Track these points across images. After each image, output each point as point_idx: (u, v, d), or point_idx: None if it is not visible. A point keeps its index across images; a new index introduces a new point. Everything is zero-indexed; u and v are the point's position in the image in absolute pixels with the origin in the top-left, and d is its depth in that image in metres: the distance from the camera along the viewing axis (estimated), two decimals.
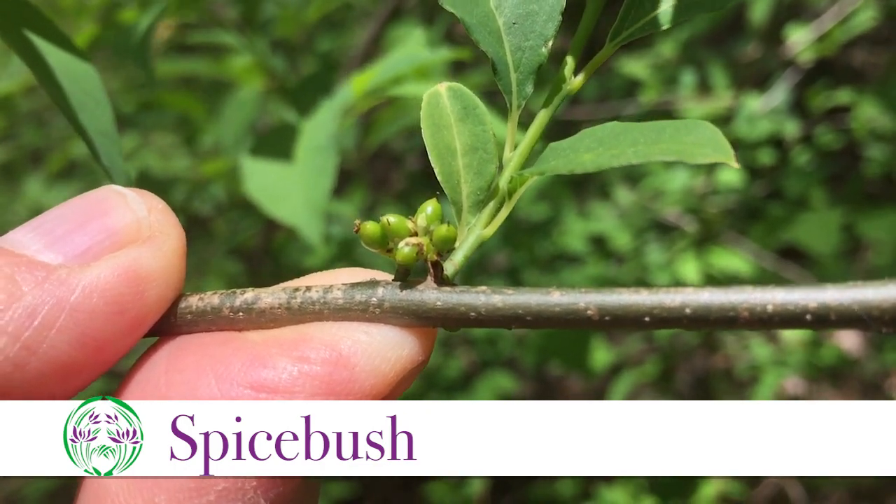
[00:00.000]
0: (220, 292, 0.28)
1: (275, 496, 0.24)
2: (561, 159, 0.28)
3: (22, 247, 0.25)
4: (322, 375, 0.25)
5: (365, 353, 0.25)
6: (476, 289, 0.27)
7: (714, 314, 0.25)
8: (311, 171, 0.64)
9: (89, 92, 0.40)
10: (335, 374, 0.25)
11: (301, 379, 0.24)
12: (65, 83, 0.39)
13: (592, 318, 0.25)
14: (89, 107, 0.40)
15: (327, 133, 0.67)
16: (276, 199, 0.65)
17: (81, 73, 0.41)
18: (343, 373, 0.25)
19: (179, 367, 0.25)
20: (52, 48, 0.40)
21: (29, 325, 0.23)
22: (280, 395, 0.24)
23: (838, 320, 0.24)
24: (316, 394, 0.24)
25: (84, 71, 0.41)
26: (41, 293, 0.24)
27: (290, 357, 0.25)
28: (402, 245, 0.27)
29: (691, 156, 0.25)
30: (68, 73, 0.40)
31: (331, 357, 0.25)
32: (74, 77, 0.40)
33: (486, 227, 0.29)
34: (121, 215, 0.26)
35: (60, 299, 0.24)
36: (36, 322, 0.24)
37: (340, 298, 0.27)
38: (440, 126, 0.29)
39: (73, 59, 0.41)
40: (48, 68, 0.38)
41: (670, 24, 0.30)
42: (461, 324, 0.27)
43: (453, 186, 0.29)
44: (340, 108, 0.70)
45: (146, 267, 0.26)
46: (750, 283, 0.25)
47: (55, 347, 0.24)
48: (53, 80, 0.38)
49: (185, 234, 0.28)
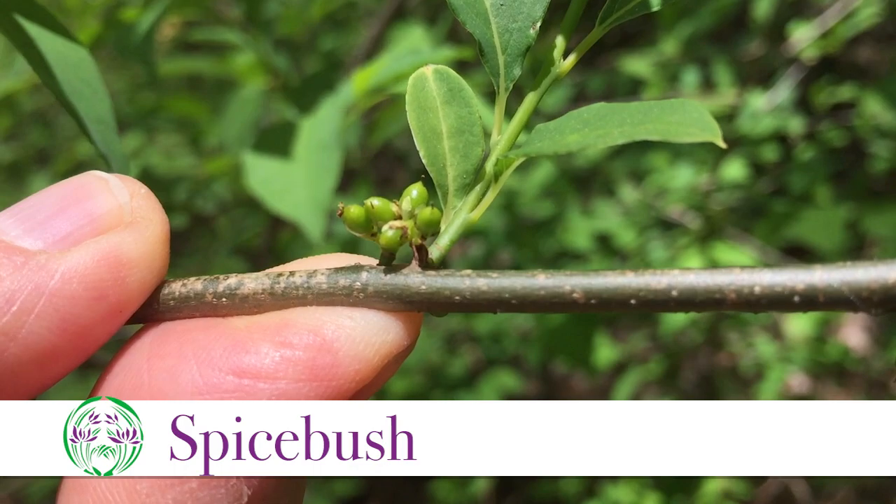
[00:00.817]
0: (204, 278, 0.27)
1: (258, 484, 0.24)
2: (547, 141, 0.27)
3: (1, 232, 0.25)
4: (305, 360, 0.24)
5: (349, 338, 0.25)
6: (461, 272, 0.26)
7: (700, 296, 0.24)
8: (314, 167, 0.64)
9: (85, 79, 0.40)
10: (318, 358, 0.24)
11: (284, 364, 0.24)
12: (59, 70, 0.39)
13: (578, 301, 0.25)
14: (85, 94, 0.39)
15: (331, 130, 0.66)
16: (278, 193, 0.65)
17: (77, 60, 0.40)
18: (326, 357, 0.24)
19: (162, 354, 0.25)
20: (47, 34, 0.40)
21: (7, 310, 0.23)
22: (263, 381, 0.24)
23: (827, 302, 0.23)
24: (299, 379, 0.24)
25: (80, 58, 0.41)
26: (19, 278, 0.24)
27: (273, 342, 0.25)
28: (387, 228, 0.27)
29: (677, 135, 0.25)
30: (63, 60, 0.39)
31: (314, 342, 0.25)
32: (70, 64, 0.40)
33: (472, 211, 0.29)
34: (102, 200, 0.26)
35: (39, 285, 0.24)
36: (14, 307, 0.23)
37: (324, 283, 0.27)
38: (426, 108, 0.29)
39: (68, 46, 0.41)
40: (41, 54, 0.38)
41: (660, 6, 0.29)
42: (446, 308, 0.26)
43: (439, 169, 0.29)
44: (343, 105, 0.70)
45: (127, 252, 0.25)
46: None
47: (34, 333, 0.24)
48: (46, 65, 0.38)
49: (189, 233, 0.28)
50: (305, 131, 0.68)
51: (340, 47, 1.66)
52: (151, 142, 1.85)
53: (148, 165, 1.74)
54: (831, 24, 1.52)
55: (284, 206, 0.66)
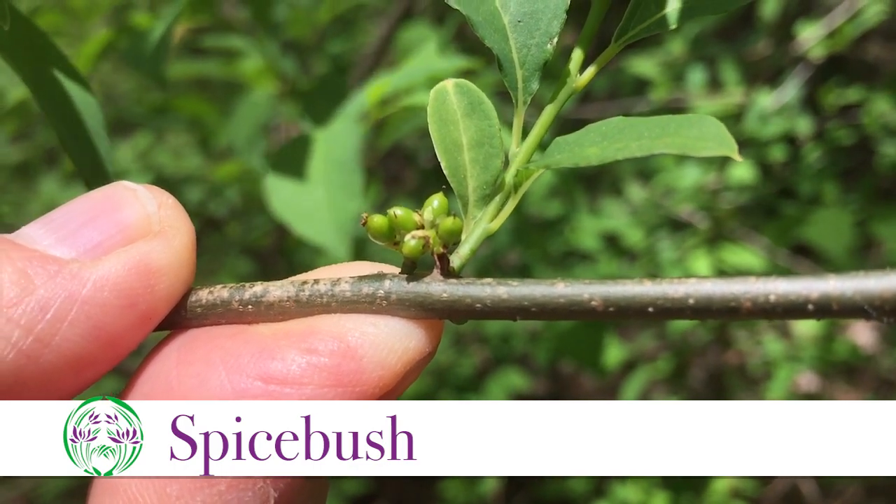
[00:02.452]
0: (230, 286, 0.28)
1: (284, 487, 0.25)
2: (566, 153, 0.28)
3: (34, 242, 0.26)
4: (330, 367, 0.25)
5: (372, 345, 0.26)
6: (482, 280, 0.27)
7: (717, 304, 0.25)
8: (336, 188, 0.64)
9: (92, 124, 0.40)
10: (343, 365, 0.25)
11: (309, 370, 0.25)
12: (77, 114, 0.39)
13: (597, 309, 0.26)
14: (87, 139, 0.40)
15: (349, 147, 0.66)
16: (302, 217, 0.65)
17: (85, 104, 0.41)
18: (351, 364, 0.25)
19: (190, 360, 0.26)
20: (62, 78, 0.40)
21: (41, 318, 0.24)
22: (289, 386, 0.24)
23: (840, 310, 0.24)
24: (325, 385, 0.25)
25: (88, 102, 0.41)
26: (53, 287, 0.24)
27: (299, 349, 0.25)
28: (409, 238, 0.27)
29: (694, 149, 0.26)
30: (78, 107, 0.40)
31: (339, 349, 0.25)
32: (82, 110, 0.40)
33: (492, 221, 0.29)
34: (131, 210, 0.27)
35: (72, 293, 0.24)
36: (48, 315, 0.24)
37: (348, 291, 0.27)
38: (447, 121, 0.29)
39: (78, 90, 0.41)
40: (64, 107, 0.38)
41: (676, 26, 0.30)
42: (467, 315, 0.27)
43: (460, 180, 0.29)
44: (357, 117, 0.70)
45: (156, 261, 0.26)
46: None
47: (67, 340, 0.24)
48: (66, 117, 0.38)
49: (199, 235, 0.28)
50: (321, 146, 0.68)
51: (349, 49, 1.67)
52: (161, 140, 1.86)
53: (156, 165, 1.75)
54: (839, 22, 1.53)
55: (309, 230, 0.66)
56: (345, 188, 0.65)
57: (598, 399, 2.23)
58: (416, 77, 0.70)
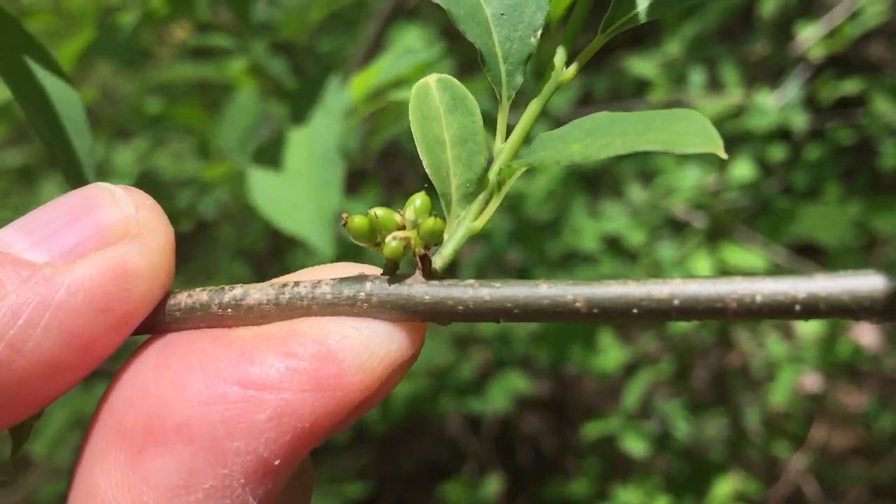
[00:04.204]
0: (209, 288, 0.28)
1: (263, 493, 0.24)
2: (549, 150, 0.27)
3: (7, 246, 0.25)
4: (310, 371, 0.24)
5: (353, 348, 0.25)
6: (464, 282, 0.26)
7: (702, 305, 0.24)
8: (318, 182, 0.64)
9: (73, 120, 0.40)
10: (323, 369, 0.25)
11: (289, 374, 0.24)
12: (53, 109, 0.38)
13: (581, 310, 0.25)
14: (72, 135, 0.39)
15: (330, 141, 0.66)
16: (283, 210, 0.65)
17: (67, 101, 0.40)
18: (331, 368, 0.25)
19: (168, 365, 0.25)
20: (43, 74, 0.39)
21: (13, 323, 0.23)
22: (268, 391, 0.24)
23: (828, 310, 0.23)
24: (304, 389, 0.24)
25: (70, 98, 0.40)
26: (25, 292, 0.24)
27: (278, 353, 0.25)
28: (390, 239, 0.27)
29: (679, 145, 0.25)
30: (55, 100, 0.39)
31: (318, 352, 0.25)
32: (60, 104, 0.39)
33: (475, 220, 0.29)
34: (108, 213, 0.26)
35: (45, 298, 0.24)
36: (20, 321, 0.23)
37: (329, 293, 0.27)
38: (429, 117, 0.29)
39: (60, 86, 0.40)
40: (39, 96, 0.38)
41: (662, 14, 0.29)
42: (449, 318, 0.26)
43: (442, 179, 0.29)
44: (339, 112, 0.70)
45: (133, 264, 0.26)
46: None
47: (40, 346, 0.24)
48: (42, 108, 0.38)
49: (191, 236, 0.28)
50: (304, 142, 0.68)
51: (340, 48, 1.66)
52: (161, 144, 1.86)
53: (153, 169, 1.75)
54: (838, 22, 1.52)
55: (291, 223, 0.66)
56: (326, 181, 0.64)
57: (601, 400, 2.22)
58: (402, 69, 0.69)
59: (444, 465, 2.07)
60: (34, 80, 0.38)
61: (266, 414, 0.24)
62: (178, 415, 0.24)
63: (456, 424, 2.19)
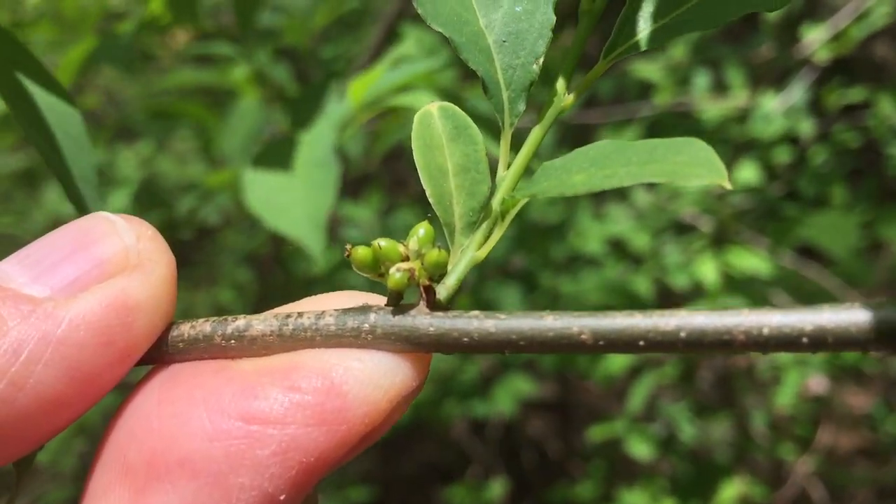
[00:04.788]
0: (212, 319, 0.27)
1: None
2: (553, 180, 0.27)
3: (8, 279, 0.25)
4: (314, 405, 0.24)
5: (357, 381, 0.25)
6: (469, 314, 0.26)
7: (709, 337, 0.24)
8: (311, 185, 0.64)
9: (72, 135, 0.40)
10: (327, 403, 0.24)
11: (293, 409, 0.24)
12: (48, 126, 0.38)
13: (586, 342, 0.25)
14: (72, 151, 0.39)
15: (326, 146, 0.67)
16: (277, 211, 0.66)
17: (66, 116, 0.40)
18: (335, 402, 0.25)
19: (171, 399, 0.25)
20: (40, 91, 0.39)
21: (14, 361, 0.23)
22: (272, 426, 0.24)
23: (835, 343, 0.23)
24: (309, 423, 0.24)
25: (68, 114, 0.40)
26: (26, 328, 0.24)
27: (282, 387, 0.25)
28: (394, 271, 0.27)
29: (684, 177, 0.25)
30: (53, 116, 0.39)
31: (322, 386, 0.25)
32: (59, 120, 0.39)
33: (479, 249, 0.29)
34: (109, 244, 0.26)
35: (46, 333, 0.24)
36: (22, 357, 0.23)
37: (332, 325, 0.27)
38: (431, 146, 0.29)
39: (58, 102, 0.40)
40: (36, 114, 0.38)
41: (663, 43, 0.29)
42: (454, 349, 0.26)
43: (445, 207, 0.29)
44: (339, 120, 0.70)
45: (134, 297, 0.25)
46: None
47: (42, 382, 0.24)
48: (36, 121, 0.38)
49: (194, 243, 0.28)
50: (303, 148, 0.68)
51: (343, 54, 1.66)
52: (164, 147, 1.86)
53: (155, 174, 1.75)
54: (844, 24, 1.51)
55: (284, 224, 0.66)
56: (321, 185, 0.65)
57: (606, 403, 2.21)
58: (400, 77, 0.69)
59: (449, 469, 2.07)
60: (29, 97, 0.38)
61: (270, 449, 0.24)
62: (182, 450, 0.24)
63: (460, 429, 2.19)
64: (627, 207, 1.73)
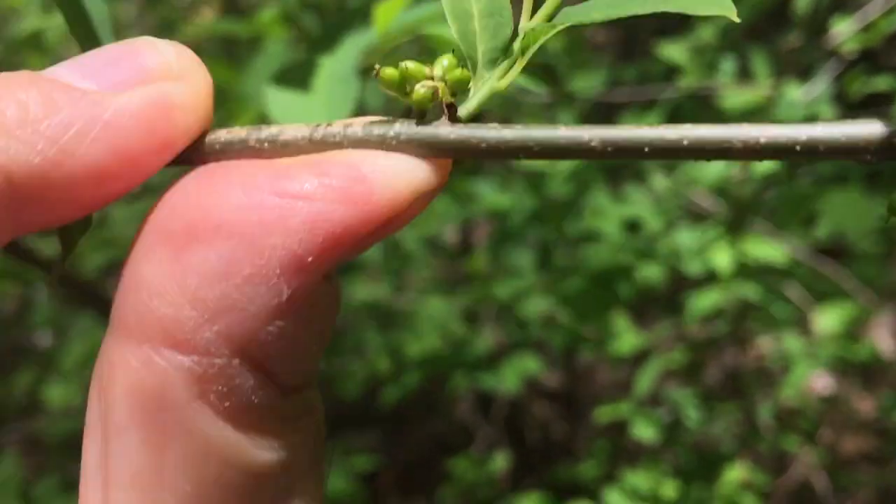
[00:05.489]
0: (246, 127, 0.30)
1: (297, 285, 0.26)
2: (572, 17, 0.29)
3: (60, 77, 0.27)
4: (342, 188, 0.27)
5: (382, 172, 0.27)
6: (487, 125, 0.28)
7: (710, 145, 0.26)
8: (332, 99, 0.66)
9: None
10: (354, 187, 0.27)
11: (321, 189, 0.26)
12: None
13: (596, 148, 0.27)
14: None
15: (349, 65, 0.69)
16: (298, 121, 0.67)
17: None
18: (361, 187, 0.27)
19: (210, 181, 0.27)
20: None
21: (65, 133, 0.26)
22: (301, 200, 0.26)
23: (826, 151, 0.25)
24: (335, 201, 0.26)
25: None
26: (76, 110, 0.26)
27: (313, 172, 0.27)
28: (419, 87, 0.29)
29: (693, 7, 0.27)
30: None
31: (350, 174, 0.27)
32: None
33: (500, 80, 0.30)
34: (152, 56, 0.28)
35: (95, 115, 0.26)
36: (72, 131, 0.26)
37: (360, 132, 0.29)
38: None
39: None
40: None
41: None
42: (473, 154, 0.28)
43: (469, 44, 0.31)
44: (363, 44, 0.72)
45: (176, 98, 0.28)
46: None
47: (90, 154, 0.26)
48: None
49: None
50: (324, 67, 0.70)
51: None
52: None
53: None
54: (873, 17, 1.52)
55: None
56: (341, 99, 0.67)
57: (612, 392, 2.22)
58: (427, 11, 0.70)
59: (453, 444, 2.09)
60: None
61: (300, 218, 0.26)
62: (219, 217, 0.26)
63: (465, 406, 2.21)
64: (645, 191, 1.75)
